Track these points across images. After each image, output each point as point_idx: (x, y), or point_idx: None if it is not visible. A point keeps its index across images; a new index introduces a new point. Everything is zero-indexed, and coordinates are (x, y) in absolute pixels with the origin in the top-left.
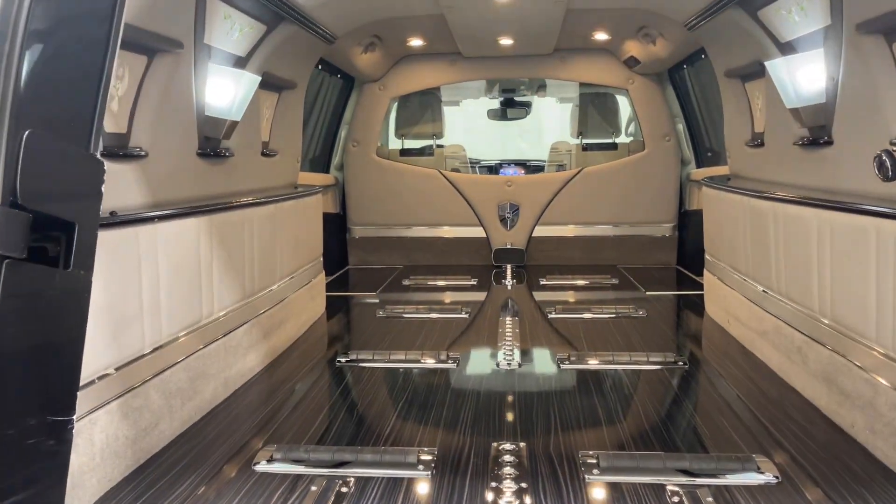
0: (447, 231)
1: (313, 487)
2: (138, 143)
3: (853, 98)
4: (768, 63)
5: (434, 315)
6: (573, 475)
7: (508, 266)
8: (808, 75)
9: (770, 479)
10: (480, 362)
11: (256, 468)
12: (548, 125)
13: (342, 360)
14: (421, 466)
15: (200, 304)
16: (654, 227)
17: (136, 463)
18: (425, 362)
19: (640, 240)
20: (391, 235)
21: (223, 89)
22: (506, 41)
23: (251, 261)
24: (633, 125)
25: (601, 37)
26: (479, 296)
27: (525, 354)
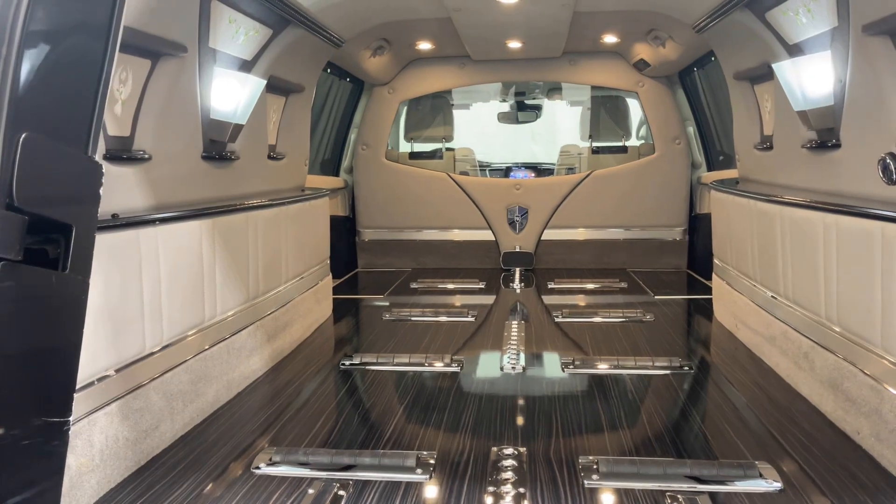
0: (456, 234)
1: (311, 490)
2: (142, 147)
3: (860, 100)
4: (775, 65)
5: (440, 318)
6: (572, 480)
7: (517, 269)
8: (815, 77)
9: (773, 487)
10: (485, 366)
11: (256, 471)
12: (558, 128)
13: (346, 364)
14: (419, 470)
15: (203, 306)
16: (664, 231)
17: (137, 464)
18: (429, 366)
19: (651, 243)
20: (400, 238)
21: (228, 93)
22: (514, 44)
23: (255, 263)
24: (643, 128)
25: (610, 39)
26: (487, 299)
27: (530, 358)
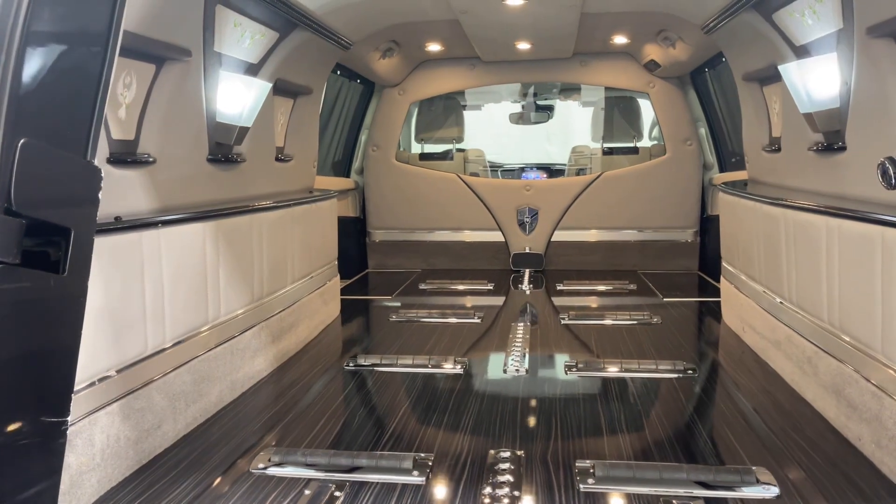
0: (466, 235)
1: (307, 491)
2: (146, 150)
3: (865, 103)
4: (781, 67)
5: (447, 320)
6: (568, 484)
7: (526, 271)
8: (821, 80)
9: (770, 492)
10: (487, 368)
11: (254, 471)
12: (569, 129)
13: (351, 365)
14: (416, 472)
15: (206, 307)
16: (675, 232)
17: (139, 463)
18: (432, 367)
19: (662, 245)
20: (410, 239)
21: (234, 96)
22: (523, 45)
23: (260, 265)
24: (656, 129)
25: (620, 40)
26: (495, 300)
27: (533, 361)
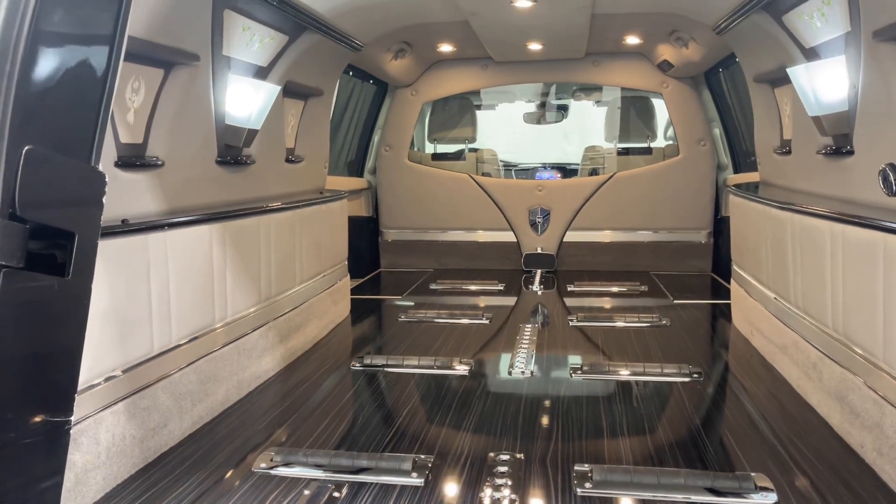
0: (478, 235)
1: (306, 491)
2: (155, 153)
3: (873, 106)
4: (790, 70)
5: (455, 320)
6: (565, 488)
7: (538, 271)
8: (829, 83)
9: (768, 499)
10: (493, 369)
11: (256, 470)
12: (583, 129)
13: (357, 365)
14: (415, 474)
15: (213, 307)
16: (689, 234)
17: (144, 461)
18: (438, 368)
19: (675, 246)
20: (422, 239)
21: (243, 99)
22: (535, 46)
23: (268, 265)
24: (670, 129)
25: (633, 41)
26: (505, 301)
27: (539, 363)
